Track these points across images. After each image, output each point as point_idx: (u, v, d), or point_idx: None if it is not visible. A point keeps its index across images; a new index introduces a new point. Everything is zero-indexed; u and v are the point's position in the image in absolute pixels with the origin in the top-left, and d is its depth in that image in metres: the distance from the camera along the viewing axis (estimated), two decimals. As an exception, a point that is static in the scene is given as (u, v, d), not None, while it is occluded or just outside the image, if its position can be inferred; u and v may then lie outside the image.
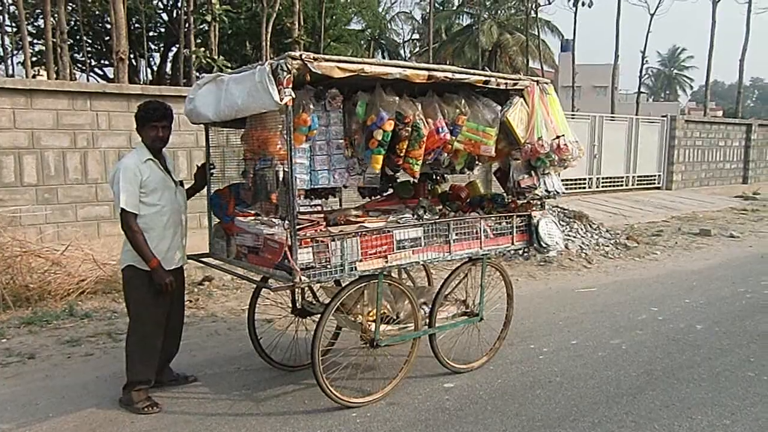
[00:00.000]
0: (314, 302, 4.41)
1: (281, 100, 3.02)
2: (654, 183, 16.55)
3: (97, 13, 22.96)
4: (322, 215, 3.73)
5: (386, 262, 3.57)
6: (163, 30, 26.30)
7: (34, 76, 18.62)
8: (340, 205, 4.51)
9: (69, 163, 7.22)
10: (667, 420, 3.57)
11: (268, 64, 3.09)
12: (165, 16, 25.73)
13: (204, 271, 6.78)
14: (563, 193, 4.47)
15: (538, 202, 4.38)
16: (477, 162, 4.54)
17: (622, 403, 3.79)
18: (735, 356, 4.64)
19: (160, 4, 25.20)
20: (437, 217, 3.99)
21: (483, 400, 3.83)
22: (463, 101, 3.93)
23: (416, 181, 4.31)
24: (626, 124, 15.81)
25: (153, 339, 3.69)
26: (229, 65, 14.98)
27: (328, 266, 3.33)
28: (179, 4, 21.45)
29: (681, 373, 4.29)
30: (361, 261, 3.46)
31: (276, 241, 3.30)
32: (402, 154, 3.65)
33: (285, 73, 3.03)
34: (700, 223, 11.57)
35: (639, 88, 30.79)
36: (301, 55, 3.09)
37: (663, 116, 17.00)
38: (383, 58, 44.17)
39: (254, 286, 4.32)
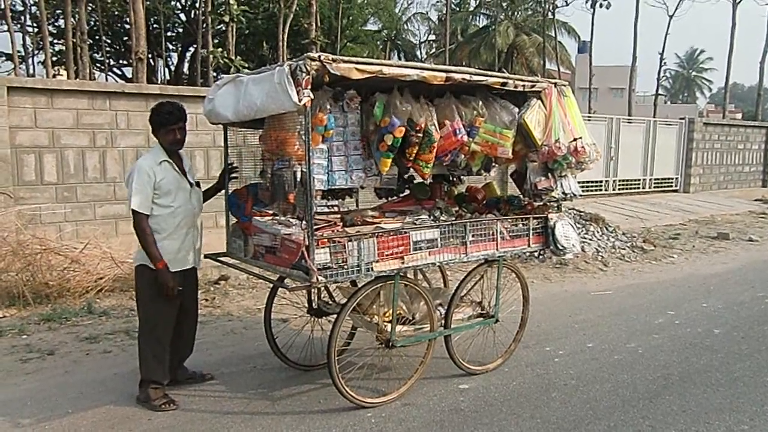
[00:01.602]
0: (330, 302, 4.42)
1: (300, 101, 3.03)
2: (671, 186, 16.38)
3: (116, 13, 23.22)
4: (338, 216, 3.76)
5: (402, 263, 3.57)
6: (181, 30, 26.54)
7: (54, 76, 18.90)
8: (357, 205, 4.53)
9: (88, 162, 7.31)
10: (683, 425, 3.53)
11: (287, 65, 3.11)
12: (183, 17, 25.97)
13: (220, 270, 6.83)
14: (580, 195, 4.46)
15: (555, 204, 4.38)
16: (494, 164, 4.53)
17: (639, 407, 3.76)
18: (753, 361, 4.58)
19: (178, 4, 25.44)
20: (454, 218, 3.99)
21: (498, 402, 3.82)
22: (480, 103, 3.94)
23: (432, 182, 4.32)
24: (643, 127, 15.66)
25: (163, 338, 3.72)
26: (247, 65, 15.08)
27: (345, 267, 3.33)
28: (197, 5, 21.65)
29: (698, 378, 4.24)
30: (377, 261, 3.45)
31: (293, 241, 3.30)
32: (411, 158, 3.71)
33: (304, 74, 3.05)
34: (718, 227, 11.42)
35: (657, 90, 30.42)
36: (319, 56, 3.10)
37: (681, 118, 16.82)
38: (399, 58, 44.17)
39: (271, 285, 4.35)
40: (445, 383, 4.09)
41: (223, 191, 4.17)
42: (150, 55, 23.48)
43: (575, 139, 4.12)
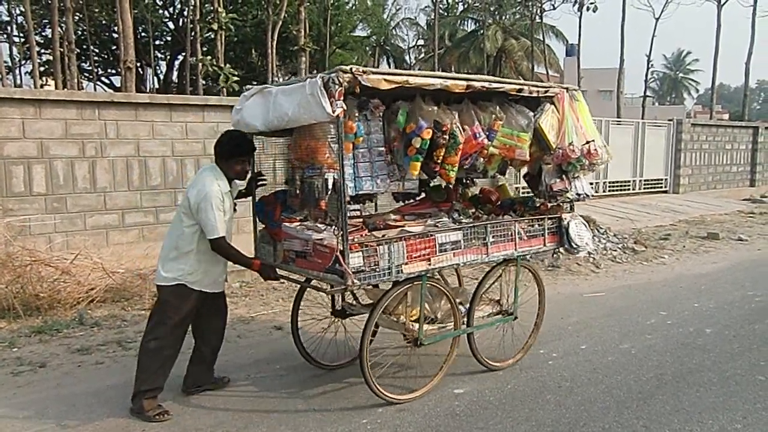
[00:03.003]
0: (355, 304, 4.54)
1: (333, 112, 3.17)
2: (661, 187, 16.50)
3: (104, 22, 23.18)
4: (361, 220, 3.87)
5: (430, 264, 3.71)
6: (169, 38, 26.51)
7: (42, 86, 18.80)
8: (376, 209, 4.63)
9: (78, 172, 7.27)
10: (677, 425, 3.55)
11: (319, 77, 3.24)
12: (171, 25, 25.94)
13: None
14: (592, 196, 4.62)
15: (568, 205, 4.54)
16: (509, 166, 4.63)
17: (632, 408, 3.77)
18: (745, 360, 4.62)
19: (166, 13, 25.41)
20: (471, 220, 4.14)
21: (493, 405, 3.83)
22: (497, 108, 4.09)
23: (449, 185, 4.42)
24: (632, 128, 15.77)
25: (175, 349, 3.76)
26: (236, 73, 15.06)
27: (377, 269, 3.47)
28: (186, 13, 21.63)
29: (691, 378, 4.27)
30: (406, 264, 3.59)
31: (326, 246, 3.43)
32: (439, 161, 3.80)
33: (336, 86, 3.19)
34: (708, 227, 11.52)
35: (645, 92, 30.71)
36: (351, 69, 3.24)
37: (669, 120, 16.95)
38: (389, 64, 44.29)
39: (295, 292, 4.53)
40: (439, 388, 4.08)
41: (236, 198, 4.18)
42: (138, 64, 23.40)
43: (588, 142, 4.29)
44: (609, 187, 15.09)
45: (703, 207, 14.36)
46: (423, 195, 4.71)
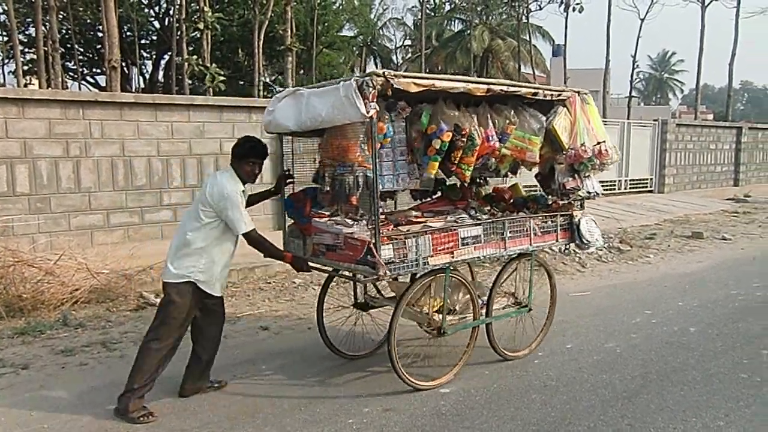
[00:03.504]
0: (378, 296, 4.75)
1: (367, 113, 3.38)
2: (646, 186, 16.65)
3: (88, 21, 22.96)
4: (383, 216, 4.07)
5: (453, 257, 3.93)
6: (155, 38, 26.31)
7: (26, 85, 18.57)
8: (395, 207, 4.79)
9: (62, 172, 7.20)
10: (662, 423, 3.59)
11: (353, 80, 3.45)
12: (157, 24, 25.75)
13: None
14: (602, 194, 4.89)
15: (578, 203, 4.75)
16: (521, 166, 4.79)
17: (618, 407, 3.80)
18: (728, 358, 4.67)
19: (152, 12, 25.21)
20: (486, 217, 4.34)
21: (479, 404, 3.84)
22: (512, 112, 4.28)
23: (465, 184, 4.58)
24: (618, 129, 15.90)
25: (173, 350, 3.81)
26: (222, 73, 14.97)
27: (406, 261, 3.69)
28: (171, 12, 21.47)
29: (675, 376, 4.31)
30: (432, 256, 3.81)
31: (357, 239, 3.65)
32: (456, 161, 3.99)
33: (370, 89, 3.39)
34: (693, 226, 11.63)
35: (630, 93, 31.00)
36: (384, 73, 3.46)
37: (654, 120, 17.10)
38: (376, 64, 44.31)
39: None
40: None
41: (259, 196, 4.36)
42: (124, 63, 23.22)
43: (599, 143, 4.51)
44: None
45: (688, 206, 14.51)
46: (439, 193, 4.89)
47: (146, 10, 24.67)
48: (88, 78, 26.69)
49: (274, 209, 8.38)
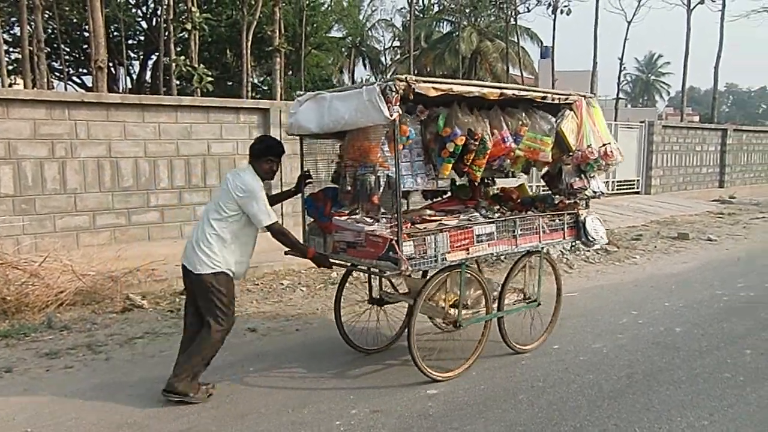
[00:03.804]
0: (393, 292, 4.90)
1: (391, 116, 3.54)
2: (633, 188, 16.78)
3: (74, 21, 22.75)
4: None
5: (468, 253, 4.13)
6: (142, 38, 26.13)
7: (10, 85, 18.36)
8: (408, 206, 4.89)
9: (47, 173, 7.12)
10: (647, 422, 3.62)
11: (377, 85, 3.63)
12: (144, 24, 25.58)
13: (185, 281, 6.73)
14: (606, 193, 5.10)
15: (584, 202, 4.95)
16: (532, 166, 5.02)
17: (604, 407, 3.83)
18: (713, 358, 4.72)
19: (139, 12, 25.04)
20: (498, 215, 4.52)
21: (467, 405, 3.85)
22: (523, 114, 4.46)
23: (476, 184, 4.80)
24: (605, 130, 15.98)
25: (215, 350, 3.96)
26: (210, 74, 14.89)
27: (425, 257, 3.88)
28: (159, 13, 21.32)
29: (661, 376, 4.35)
30: (449, 252, 4.00)
31: (379, 236, 3.82)
32: (468, 163, 4.17)
33: (394, 93, 3.56)
34: (679, 227, 11.75)
35: (617, 94, 31.23)
36: (406, 78, 3.62)
37: (641, 122, 17.24)
38: (364, 65, 44.31)
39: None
40: (413, 389, 4.10)
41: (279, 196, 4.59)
42: (111, 64, 23.03)
43: (604, 144, 4.72)
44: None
45: (674, 208, 14.65)
46: (449, 193, 5.04)
47: (133, 10, 24.51)
48: (74, 78, 26.47)
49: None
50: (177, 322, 5.60)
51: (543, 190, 5.48)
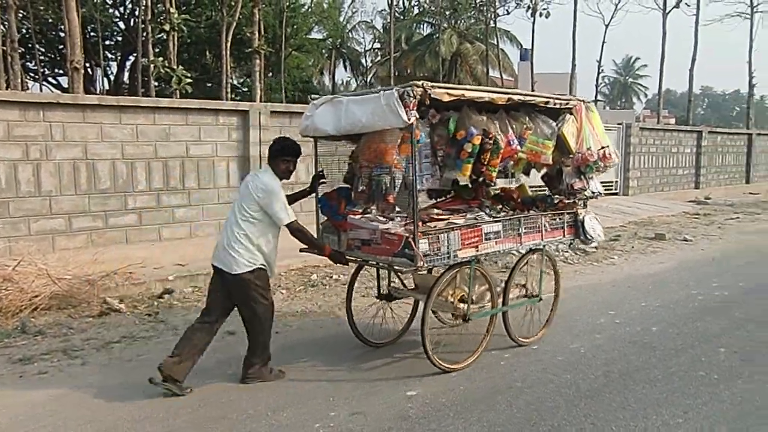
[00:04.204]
0: (402, 288, 5.07)
1: (409, 120, 3.72)
2: (612, 189, 16.97)
3: (50, 20, 22.37)
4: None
5: (477, 250, 4.33)
6: (120, 39, 25.80)
7: (-17, 86, 17.95)
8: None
9: (21, 175, 7.00)
10: (623, 421, 3.66)
11: (395, 90, 3.80)
12: (122, 25, 25.24)
13: (164, 284, 6.66)
14: (603, 193, 5.38)
15: (582, 202, 5.17)
16: (533, 168, 5.22)
17: (581, 406, 3.87)
18: (688, 357, 4.80)
19: (116, 12, 24.70)
20: (504, 215, 4.72)
21: (446, 407, 3.86)
22: (527, 118, 4.68)
23: (486, 183, 4.89)
24: (583, 132, 16.15)
25: (271, 326, 4.26)
26: (189, 75, 14.75)
27: (439, 254, 4.07)
28: (137, 13, 21.07)
29: (637, 375, 4.41)
30: (460, 249, 4.20)
31: (394, 234, 4.03)
32: (486, 163, 4.36)
33: (411, 98, 3.73)
34: (656, 228, 11.92)
35: (596, 97, 31.67)
36: (423, 84, 3.80)
37: (619, 124, 17.45)
38: (345, 67, 44.29)
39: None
40: (392, 391, 4.10)
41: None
42: (87, 65, 22.70)
43: (603, 147, 4.95)
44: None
45: (651, 208, 14.86)
46: (452, 193, 5.20)
47: (111, 11, 24.17)
48: (50, 79, 26.01)
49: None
50: (155, 325, 5.54)
51: (540, 191, 5.65)
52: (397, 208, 4.33)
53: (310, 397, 3.99)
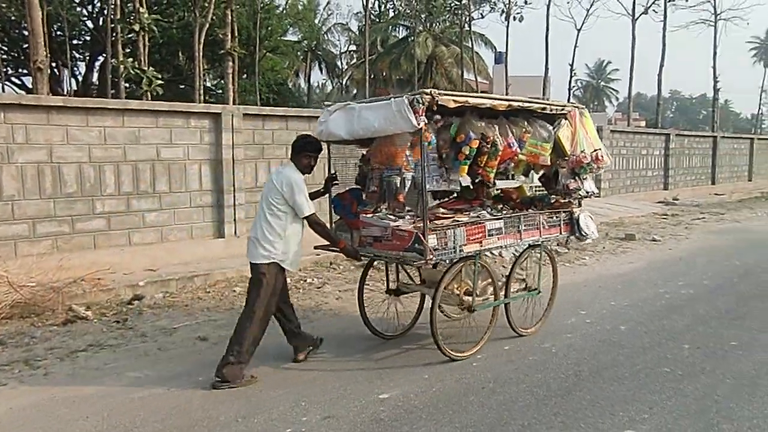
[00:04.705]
0: (410, 283, 5.42)
1: (418, 124, 4.06)
2: (583, 190, 17.18)
3: (12, 18, 21.81)
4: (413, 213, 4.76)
5: (481, 246, 4.63)
6: (88, 38, 25.28)
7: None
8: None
9: (-18, 179, 6.78)
10: (592, 418, 3.71)
11: (405, 97, 4.13)
12: (90, 24, 24.72)
13: (134, 290, 6.54)
14: (597, 193, 5.72)
15: (576, 201, 5.50)
16: (532, 169, 5.55)
17: (551, 405, 3.91)
18: (654, 354, 4.89)
19: (84, 11, 24.17)
20: (506, 213, 5.03)
21: (418, 409, 3.86)
22: (525, 122, 4.99)
23: (487, 184, 5.20)
24: (555, 134, 16.35)
25: (266, 324, 4.41)
26: (160, 76, 14.52)
27: (446, 248, 4.36)
28: (105, 12, 20.67)
29: (606, 373, 4.47)
30: (465, 245, 4.49)
31: (405, 231, 4.32)
32: (482, 165, 4.67)
33: (420, 105, 4.05)
34: (626, 228, 12.13)
35: (569, 100, 32.09)
36: (431, 92, 4.12)
37: (590, 126, 17.69)
38: (321, 69, 44.16)
39: (356, 283, 5.34)
40: (365, 394, 4.09)
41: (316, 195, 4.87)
42: (54, 64, 22.20)
43: (595, 150, 5.30)
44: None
45: (622, 209, 15.11)
46: (455, 194, 5.41)
47: (78, 9, 23.63)
48: (13, 79, 25.38)
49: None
50: (123, 332, 5.43)
51: (538, 191, 6.14)
52: (407, 207, 4.66)
53: (281, 402, 3.95)
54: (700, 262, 8.94)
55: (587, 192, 5.43)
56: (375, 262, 5.51)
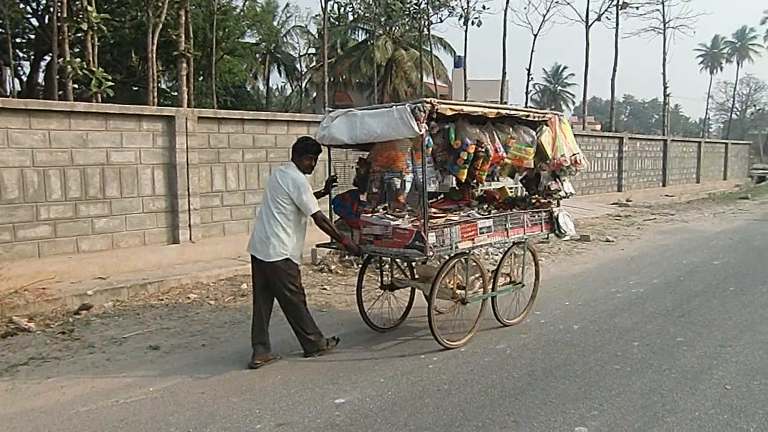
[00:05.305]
0: (404, 278, 5.74)
1: (420, 131, 4.39)
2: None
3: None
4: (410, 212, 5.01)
5: (473, 243, 4.98)
6: (33, 36, 24.31)
7: None
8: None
9: None
10: (544, 417, 3.77)
11: (407, 105, 4.46)
12: (35, 22, 23.75)
13: (82, 299, 6.31)
14: (574, 193, 6.21)
15: (555, 201, 5.89)
16: (516, 172, 5.89)
17: (505, 405, 3.95)
18: (605, 352, 5.00)
19: (28, 8, 23.18)
20: (495, 212, 5.39)
21: (373, 413, 3.84)
22: (510, 128, 5.40)
23: (477, 185, 5.48)
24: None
25: (306, 311, 4.80)
26: (110, 78, 14.09)
27: (443, 245, 4.71)
28: (51, 10, 19.93)
29: (558, 372, 4.55)
30: (460, 242, 4.85)
31: (405, 229, 4.61)
32: (478, 168, 5.03)
33: (421, 112, 4.38)
34: (581, 230, 12.37)
35: (526, 103, 32.65)
36: (431, 101, 4.48)
37: (545, 129, 18.03)
38: (279, 72, 43.75)
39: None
40: (320, 399, 4.05)
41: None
42: (-4, 64, 21.25)
43: (574, 154, 5.70)
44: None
45: (577, 211, 15.42)
46: (442, 195, 5.76)
47: (21, 6, 22.66)
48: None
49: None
50: (69, 344, 5.23)
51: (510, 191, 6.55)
52: (408, 207, 4.95)
53: (235, 411, 3.88)
54: (650, 261, 9.21)
55: (566, 193, 5.84)
56: (372, 261, 5.82)
